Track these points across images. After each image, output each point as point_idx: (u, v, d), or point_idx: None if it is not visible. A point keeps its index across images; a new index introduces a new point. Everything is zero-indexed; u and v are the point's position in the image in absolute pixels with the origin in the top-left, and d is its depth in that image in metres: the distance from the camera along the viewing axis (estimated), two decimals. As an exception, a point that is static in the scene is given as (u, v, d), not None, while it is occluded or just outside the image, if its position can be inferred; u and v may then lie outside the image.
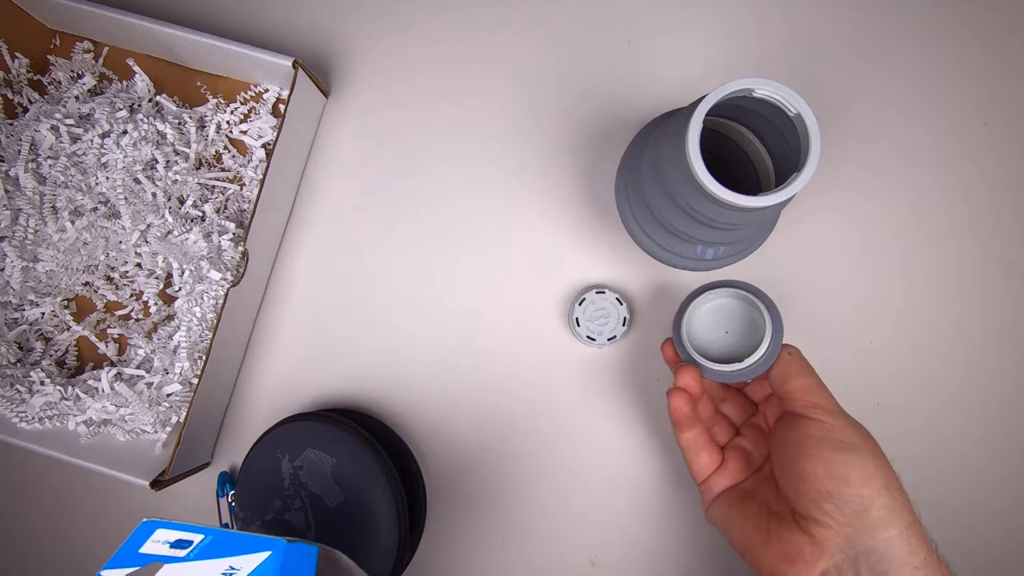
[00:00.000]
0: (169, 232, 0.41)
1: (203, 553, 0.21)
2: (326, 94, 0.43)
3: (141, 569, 0.20)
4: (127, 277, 0.43)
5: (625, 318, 0.40)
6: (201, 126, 0.43)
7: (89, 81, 0.43)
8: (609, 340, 0.39)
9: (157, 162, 0.41)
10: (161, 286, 0.43)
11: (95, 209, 0.42)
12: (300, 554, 0.21)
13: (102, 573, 0.20)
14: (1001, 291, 0.41)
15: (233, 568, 0.21)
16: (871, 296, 0.41)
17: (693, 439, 0.34)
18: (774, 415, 0.33)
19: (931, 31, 0.43)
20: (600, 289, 0.40)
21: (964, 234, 0.41)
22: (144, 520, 0.22)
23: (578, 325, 0.39)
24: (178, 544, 0.22)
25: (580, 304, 0.40)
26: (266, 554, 0.21)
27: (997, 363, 0.41)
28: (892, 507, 0.27)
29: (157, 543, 0.22)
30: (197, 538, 0.22)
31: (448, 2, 0.44)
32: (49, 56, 0.44)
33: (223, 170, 0.43)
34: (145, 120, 0.41)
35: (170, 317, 0.42)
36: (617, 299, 0.40)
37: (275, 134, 0.39)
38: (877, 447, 0.29)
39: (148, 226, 0.41)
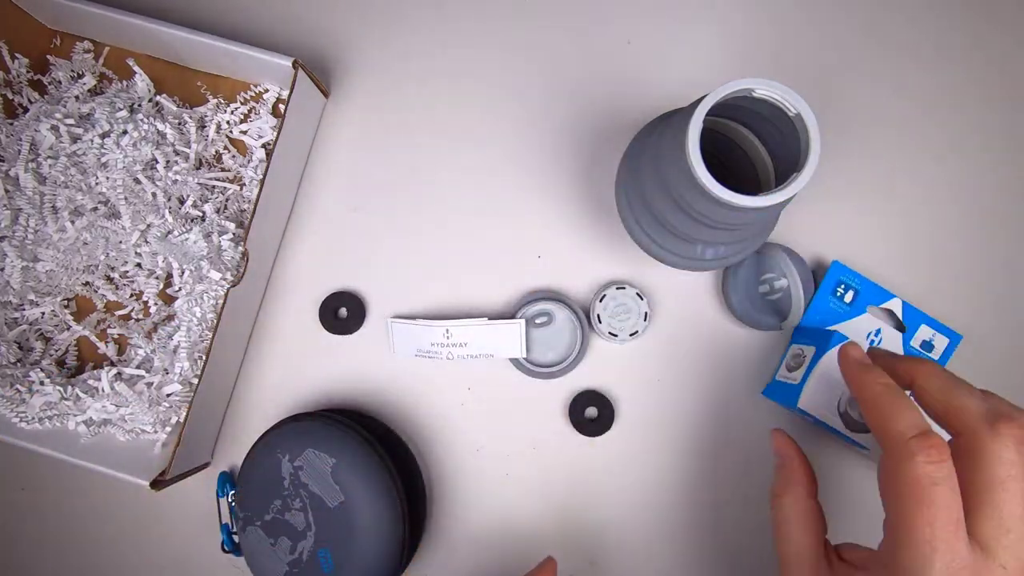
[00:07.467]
0: (169, 232, 0.41)
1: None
2: (326, 94, 0.43)
3: None
4: (127, 277, 0.43)
5: (646, 313, 0.39)
6: (201, 126, 0.43)
7: (89, 81, 0.43)
8: (631, 336, 0.39)
9: (157, 162, 0.41)
10: (161, 286, 0.43)
11: (95, 209, 0.42)
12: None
13: None
14: (1003, 291, 0.41)
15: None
16: (871, 296, 0.41)
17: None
18: None
19: (933, 29, 0.43)
20: (620, 285, 0.40)
21: (965, 233, 0.41)
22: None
23: (599, 322, 0.39)
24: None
25: (600, 300, 0.39)
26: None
27: (1001, 362, 0.41)
28: None
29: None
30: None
31: (450, 2, 0.44)
32: (49, 56, 0.44)
33: (223, 170, 0.43)
34: (145, 120, 0.41)
35: (170, 317, 0.42)
36: (637, 294, 0.39)
37: (275, 134, 0.39)
38: None
39: (148, 226, 0.41)
